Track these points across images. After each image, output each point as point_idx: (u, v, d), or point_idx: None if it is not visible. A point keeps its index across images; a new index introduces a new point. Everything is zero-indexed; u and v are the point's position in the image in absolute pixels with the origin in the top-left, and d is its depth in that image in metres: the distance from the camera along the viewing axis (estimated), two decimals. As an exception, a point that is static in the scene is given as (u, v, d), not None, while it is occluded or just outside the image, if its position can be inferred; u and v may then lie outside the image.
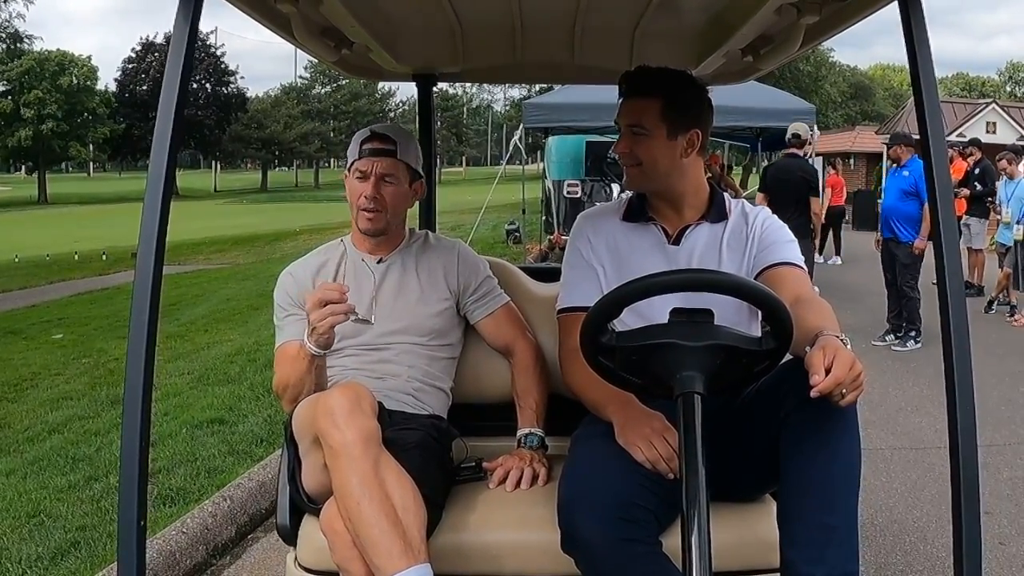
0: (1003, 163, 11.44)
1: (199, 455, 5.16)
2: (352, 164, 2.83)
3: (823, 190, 12.72)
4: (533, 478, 2.61)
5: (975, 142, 13.63)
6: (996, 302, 11.29)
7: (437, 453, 2.58)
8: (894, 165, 9.72)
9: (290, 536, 2.54)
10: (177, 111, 1.89)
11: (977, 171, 12.68)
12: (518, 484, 2.59)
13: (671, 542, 2.12)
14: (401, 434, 2.47)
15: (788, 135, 9.97)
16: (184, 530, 4.08)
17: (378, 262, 2.90)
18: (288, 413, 2.65)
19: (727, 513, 2.33)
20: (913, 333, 9.25)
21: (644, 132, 2.53)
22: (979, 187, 12.43)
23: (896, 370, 8.25)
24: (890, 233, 9.33)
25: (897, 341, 9.28)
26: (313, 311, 2.41)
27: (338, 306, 2.40)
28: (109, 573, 3.63)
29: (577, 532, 2.11)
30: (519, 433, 2.79)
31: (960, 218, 12.34)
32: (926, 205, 8.99)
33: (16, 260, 21.51)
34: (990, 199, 12.16)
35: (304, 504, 2.50)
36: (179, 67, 1.89)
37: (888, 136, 12.96)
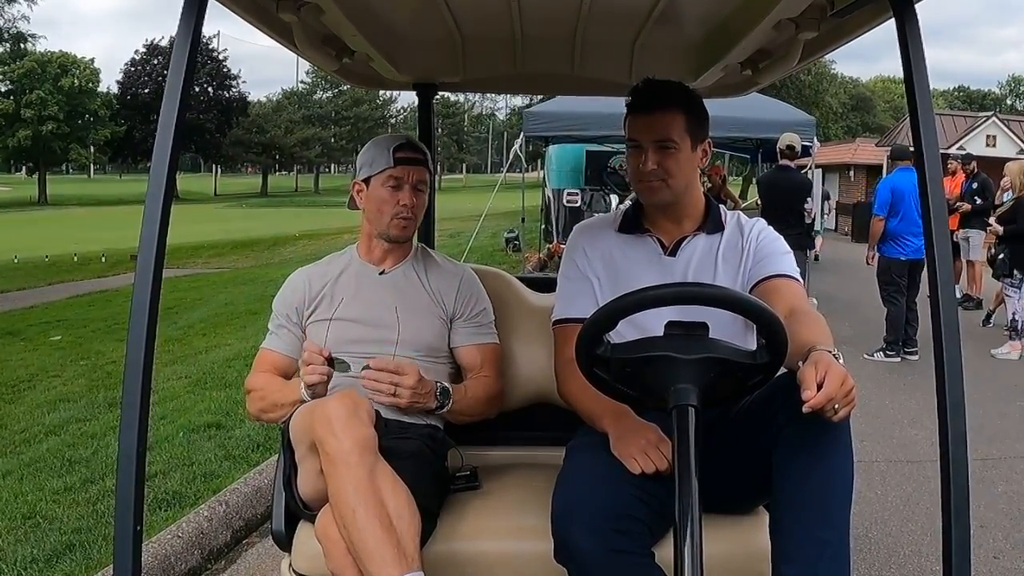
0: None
1: (195, 459, 5.16)
2: (384, 171, 2.81)
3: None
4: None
5: (968, 157, 13.62)
6: (993, 315, 11.29)
7: (432, 462, 2.59)
8: None
9: (285, 542, 2.55)
10: (179, 115, 1.90)
11: (976, 185, 12.65)
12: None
13: (664, 553, 2.14)
14: (397, 443, 2.48)
15: (780, 146, 9.93)
16: (179, 534, 4.08)
17: (380, 274, 2.91)
18: (253, 415, 2.85)
19: (720, 525, 2.34)
20: (883, 346, 9.36)
21: (673, 145, 2.51)
22: (979, 201, 12.39)
23: (893, 382, 8.26)
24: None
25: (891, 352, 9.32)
26: (303, 368, 2.58)
27: (318, 367, 2.53)
28: (104, 576, 3.63)
29: (570, 542, 2.12)
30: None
31: (956, 231, 12.35)
32: (873, 218, 9.15)
33: (15, 261, 21.52)
34: (988, 215, 12.08)
35: (299, 510, 2.51)
36: (181, 72, 1.90)
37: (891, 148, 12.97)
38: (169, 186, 1.90)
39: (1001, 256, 9.95)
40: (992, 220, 10.53)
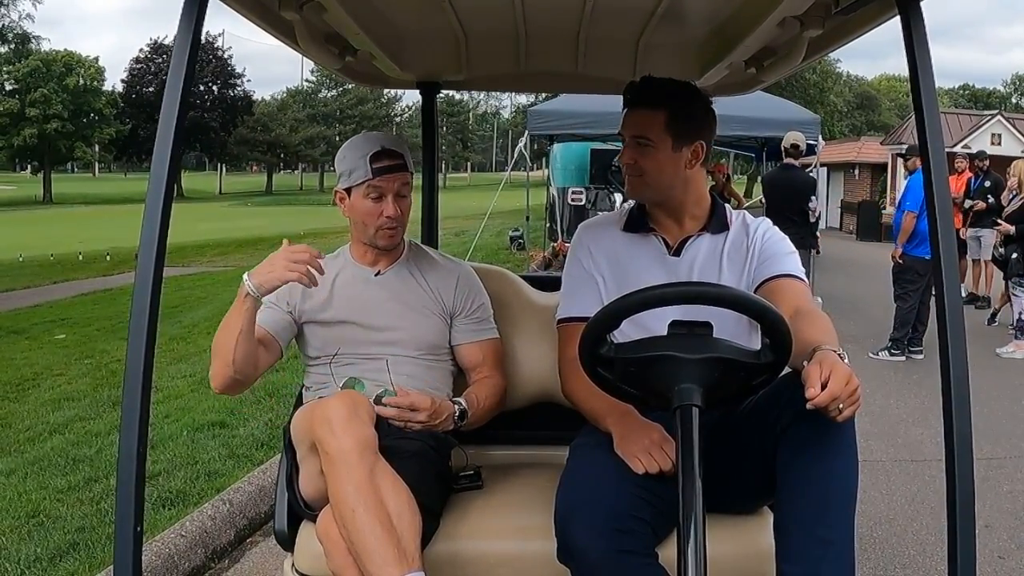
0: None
1: (199, 458, 5.16)
2: (364, 183, 2.73)
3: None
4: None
5: (981, 154, 13.56)
6: (998, 314, 11.26)
7: (435, 461, 2.58)
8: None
9: (287, 542, 2.54)
10: (180, 114, 1.90)
11: (988, 183, 12.58)
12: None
13: (667, 554, 2.12)
14: (399, 443, 2.47)
15: (785, 145, 9.92)
16: (183, 533, 4.08)
17: (376, 275, 2.89)
18: (218, 385, 2.63)
19: (723, 525, 2.33)
20: (889, 344, 9.28)
21: (649, 143, 2.52)
22: (992, 199, 12.29)
23: (897, 382, 8.24)
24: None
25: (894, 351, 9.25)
26: (283, 253, 2.45)
27: (303, 267, 2.41)
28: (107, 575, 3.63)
29: (573, 543, 2.11)
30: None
31: (962, 229, 12.29)
32: (906, 213, 8.99)
33: (20, 259, 21.54)
34: (997, 217, 11.95)
35: (301, 510, 2.51)
36: (182, 70, 1.90)
37: (904, 147, 12.89)
38: (170, 184, 1.90)
39: (1015, 256, 9.86)
40: (1001, 220, 10.44)
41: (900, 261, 9.30)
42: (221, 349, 2.55)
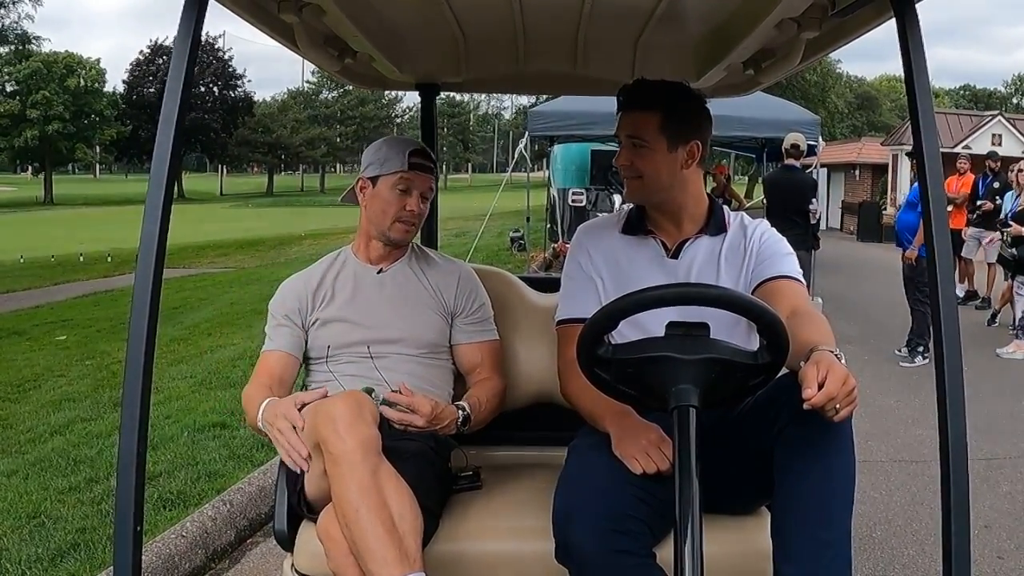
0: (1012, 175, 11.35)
1: (200, 459, 5.17)
2: (396, 173, 2.81)
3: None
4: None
5: (993, 154, 13.52)
6: (999, 314, 11.25)
7: (435, 462, 2.59)
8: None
9: (287, 542, 2.55)
10: (179, 115, 1.90)
11: (997, 185, 12.52)
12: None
13: (664, 554, 2.13)
14: (400, 443, 2.47)
15: (785, 146, 9.93)
16: (183, 534, 4.09)
17: (378, 272, 2.91)
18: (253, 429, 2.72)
19: (721, 526, 2.34)
20: (921, 348, 9.16)
21: (644, 144, 2.53)
22: (1000, 200, 12.24)
23: (897, 383, 8.24)
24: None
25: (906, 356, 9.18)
26: (284, 418, 2.43)
27: (294, 445, 2.39)
28: (108, 576, 3.64)
29: (571, 543, 2.12)
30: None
31: (962, 230, 12.27)
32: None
33: (21, 261, 21.54)
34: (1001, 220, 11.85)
35: (302, 511, 2.51)
36: (181, 72, 1.91)
37: (911, 147, 12.79)
38: (169, 185, 1.91)
39: None
40: (1011, 221, 10.38)
41: (914, 264, 9.18)
42: (247, 411, 2.66)
